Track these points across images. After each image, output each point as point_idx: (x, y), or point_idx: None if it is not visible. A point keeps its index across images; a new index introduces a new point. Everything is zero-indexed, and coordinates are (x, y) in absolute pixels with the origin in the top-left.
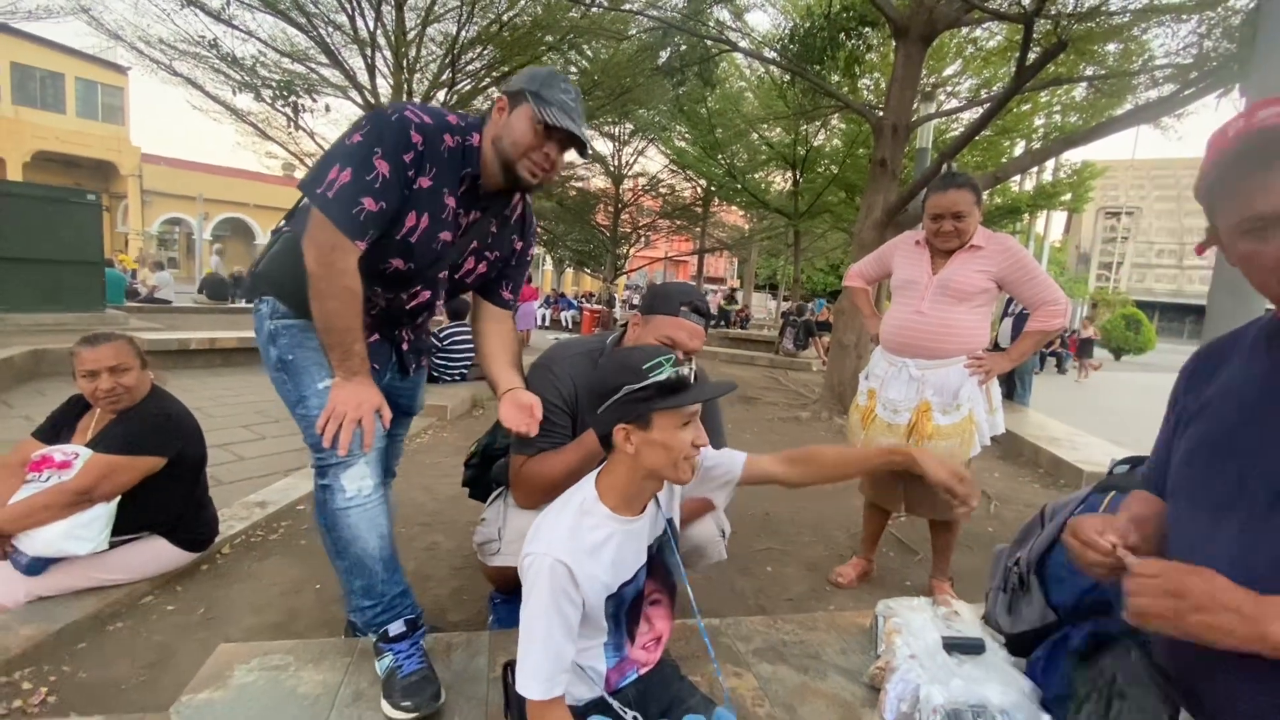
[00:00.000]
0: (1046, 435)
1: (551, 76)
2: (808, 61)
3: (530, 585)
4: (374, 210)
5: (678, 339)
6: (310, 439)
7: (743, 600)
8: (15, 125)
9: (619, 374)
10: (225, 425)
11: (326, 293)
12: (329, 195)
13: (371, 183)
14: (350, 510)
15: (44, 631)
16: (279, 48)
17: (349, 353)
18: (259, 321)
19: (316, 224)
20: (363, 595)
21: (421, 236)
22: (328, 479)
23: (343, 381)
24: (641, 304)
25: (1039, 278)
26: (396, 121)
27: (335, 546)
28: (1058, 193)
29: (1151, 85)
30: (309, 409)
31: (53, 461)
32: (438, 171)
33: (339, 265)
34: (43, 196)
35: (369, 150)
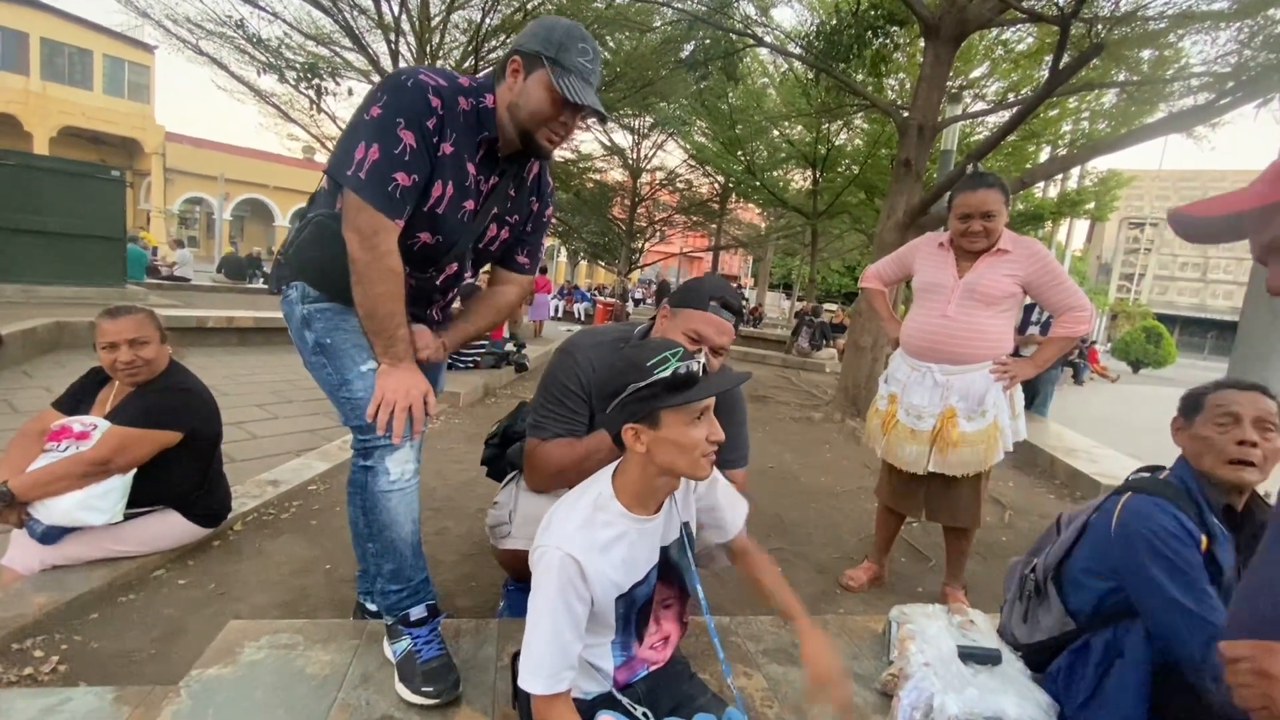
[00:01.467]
0: (1064, 446)
1: (569, 36)
2: (833, 59)
3: (539, 577)
4: (407, 185)
5: (704, 334)
6: (354, 421)
7: (752, 600)
8: (43, 100)
9: (625, 373)
10: (240, 404)
11: (373, 278)
12: (361, 176)
13: (400, 156)
14: (392, 494)
15: (57, 601)
16: (304, 30)
17: (394, 338)
18: (289, 308)
19: (354, 208)
20: (391, 579)
21: (448, 207)
22: (371, 461)
23: (389, 368)
24: (672, 296)
25: (1065, 283)
26: (414, 87)
27: (370, 529)
28: (1082, 201)
29: (1187, 93)
30: (353, 391)
31: (71, 432)
32: (457, 136)
33: (383, 247)
34: (67, 171)
35: (391, 121)
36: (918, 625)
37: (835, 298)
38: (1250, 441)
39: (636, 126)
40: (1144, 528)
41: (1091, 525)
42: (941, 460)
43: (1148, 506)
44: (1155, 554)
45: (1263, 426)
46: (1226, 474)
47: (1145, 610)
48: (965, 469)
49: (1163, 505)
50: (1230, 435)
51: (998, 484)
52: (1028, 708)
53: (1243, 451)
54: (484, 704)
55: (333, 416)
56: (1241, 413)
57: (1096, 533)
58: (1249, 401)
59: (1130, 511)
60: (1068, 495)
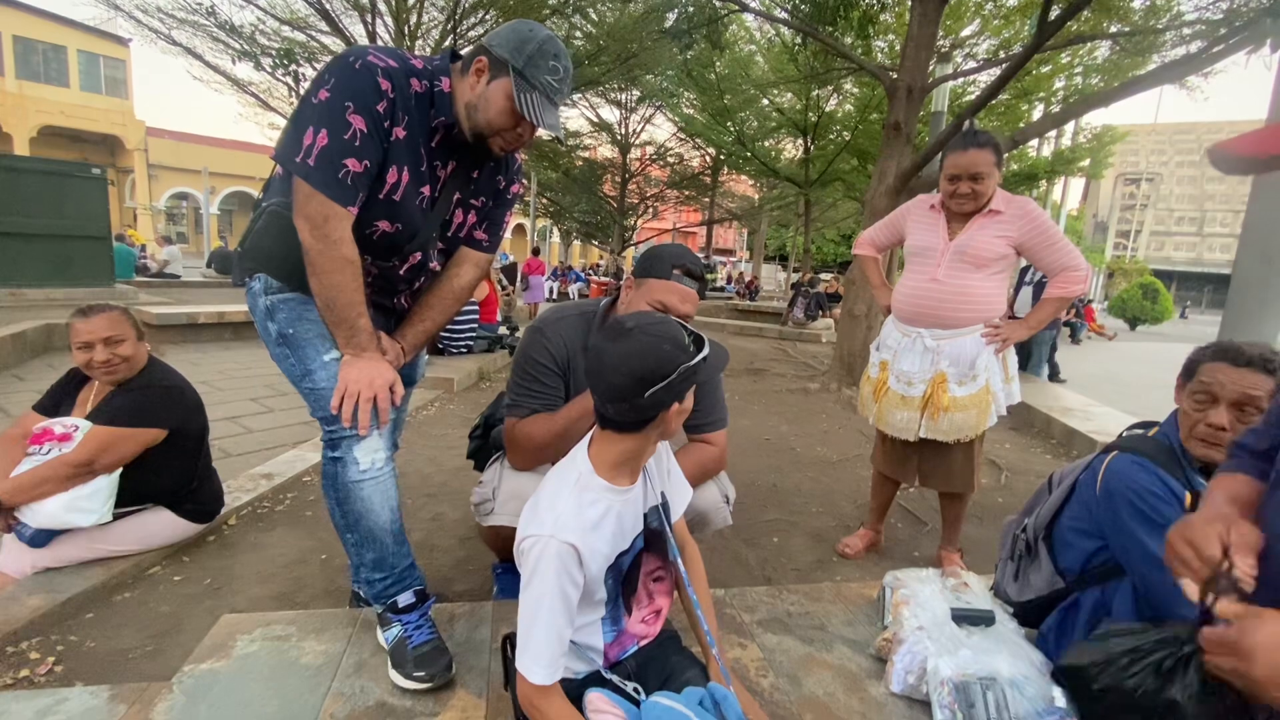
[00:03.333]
0: (1060, 406)
1: (541, 50)
2: (820, 22)
3: (533, 568)
4: (359, 171)
5: (669, 303)
6: (320, 412)
7: (748, 571)
8: (20, 100)
9: (672, 356)
10: (233, 398)
11: (326, 267)
12: (310, 163)
13: (350, 141)
14: (363, 484)
15: (51, 602)
16: (278, 15)
17: (354, 328)
18: (252, 300)
19: (304, 196)
20: (373, 568)
21: (405, 193)
22: (339, 452)
23: (352, 359)
24: (635, 266)
25: (1059, 243)
26: (363, 69)
27: (346, 520)
28: (1076, 158)
29: (1179, 42)
30: (316, 382)
31: (53, 434)
32: (409, 120)
33: (334, 235)
34: (48, 171)
35: (340, 105)
36: (911, 589)
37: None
38: (1219, 426)
39: (623, 101)
40: (1125, 486)
41: (1080, 484)
42: (933, 426)
43: (1129, 466)
44: (1136, 512)
45: (1242, 408)
46: (1194, 449)
47: (1130, 569)
48: (958, 434)
49: (1144, 464)
50: (1204, 415)
51: (994, 445)
52: (1020, 666)
53: (1209, 434)
54: (478, 686)
55: None
56: (1220, 394)
57: (1084, 492)
58: (1234, 381)
59: (1112, 471)
60: (1064, 454)
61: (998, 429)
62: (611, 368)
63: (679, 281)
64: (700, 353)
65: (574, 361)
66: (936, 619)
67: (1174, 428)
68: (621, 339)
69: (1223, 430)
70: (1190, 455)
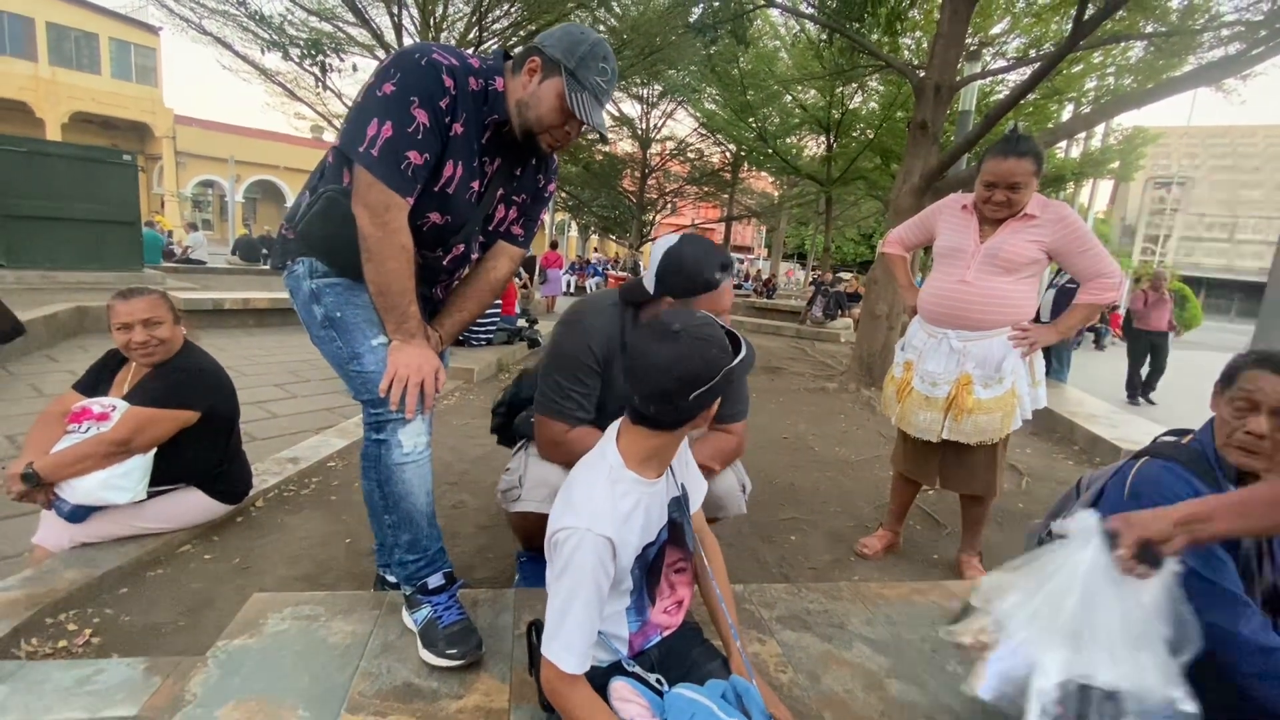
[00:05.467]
0: (1084, 412)
1: (592, 52)
2: (847, 18)
3: (568, 559)
4: (419, 164)
5: (723, 307)
6: (366, 395)
7: (766, 568)
8: (53, 86)
9: (717, 360)
10: (258, 384)
11: (385, 253)
12: (374, 153)
13: (414, 134)
14: (406, 466)
15: (87, 576)
16: (306, 5)
17: (405, 314)
18: (295, 283)
19: (366, 184)
20: (408, 549)
21: (458, 187)
22: (384, 434)
23: (401, 344)
24: (663, 284)
25: (1094, 249)
26: (428, 66)
27: (386, 501)
28: (1106, 160)
29: (1217, 44)
30: (364, 365)
31: (91, 413)
32: (467, 116)
33: (393, 224)
34: (80, 156)
35: (405, 99)
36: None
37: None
38: (1259, 434)
39: (645, 95)
40: (1154, 491)
41: (1108, 489)
42: (956, 428)
43: (1160, 472)
44: None
45: None
46: (1230, 456)
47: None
48: (980, 437)
49: (1175, 470)
50: (1243, 422)
51: (1016, 450)
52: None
53: (1248, 441)
54: (501, 671)
55: (349, 395)
56: (1262, 401)
57: (1111, 496)
58: (1276, 389)
59: (1142, 477)
60: (1086, 461)
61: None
62: (659, 370)
63: (725, 280)
64: (739, 354)
65: (614, 357)
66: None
67: (1209, 435)
68: (668, 341)
69: (1262, 438)
70: (1225, 464)
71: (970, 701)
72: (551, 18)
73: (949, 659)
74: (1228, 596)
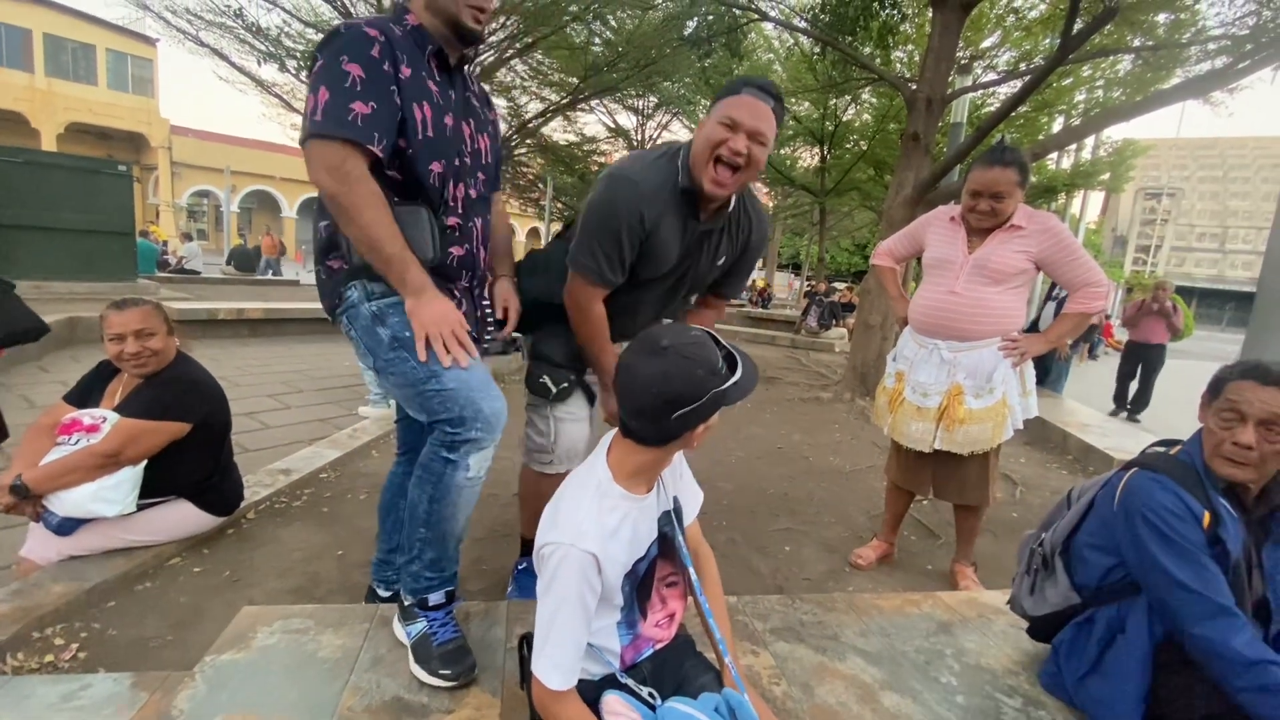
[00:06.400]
0: (1077, 421)
1: None
2: (839, 32)
3: (552, 575)
4: (367, 112)
5: (738, 118)
6: (446, 414)
7: (760, 580)
8: (49, 97)
9: (702, 381)
10: (252, 394)
11: (357, 204)
12: (317, 118)
13: (351, 87)
14: (465, 489)
15: (75, 589)
16: (303, 17)
17: (405, 261)
18: (353, 312)
19: (318, 149)
20: (429, 566)
21: (435, 126)
22: (457, 455)
23: (414, 303)
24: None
25: (1080, 259)
26: (347, 29)
27: (430, 517)
28: (1096, 172)
29: (1204, 57)
30: (444, 383)
31: (81, 425)
32: (409, 58)
33: (355, 173)
34: (76, 167)
35: (334, 61)
36: None
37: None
38: (1246, 444)
39: (640, 107)
40: (1143, 505)
41: (1097, 501)
42: (948, 438)
43: (1148, 483)
44: (1155, 532)
45: (1269, 428)
46: (1218, 467)
47: (1147, 587)
48: (973, 447)
49: (1163, 482)
50: (1230, 433)
51: (1009, 460)
52: None
53: (1236, 452)
54: (493, 685)
55: (343, 405)
56: (1248, 412)
57: (1101, 508)
58: (1261, 400)
59: (1130, 489)
60: (1080, 470)
61: (1013, 443)
62: (642, 387)
63: (751, 94)
64: (733, 375)
65: (659, 222)
66: None
67: (1198, 446)
68: (655, 357)
69: (1249, 449)
70: (1213, 475)
71: (963, 712)
72: (547, 29)
73: (943, 670)
74: (1218, 609)
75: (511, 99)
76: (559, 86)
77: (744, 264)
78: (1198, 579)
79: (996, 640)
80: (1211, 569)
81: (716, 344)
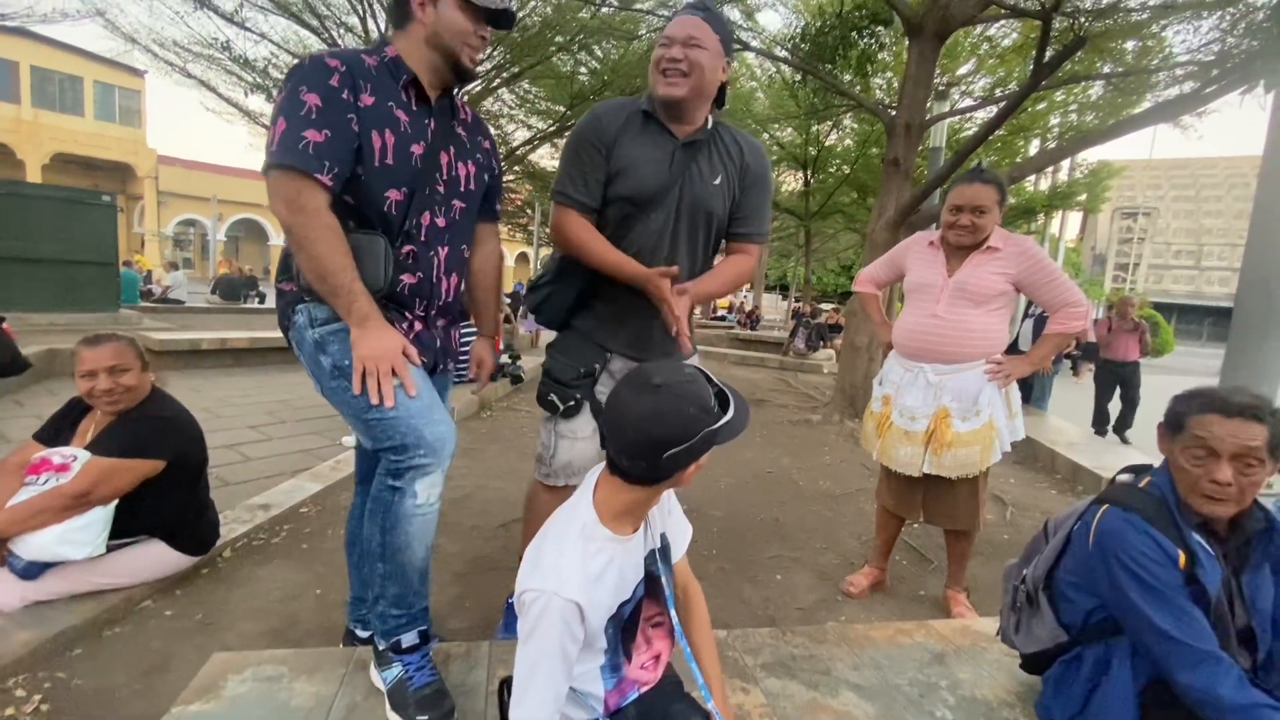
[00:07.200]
0: (1064, 440)
1: None
2: (819, 60)
3: (534, 624)
4: (320, 140)
5: (670, 33)
6: (388, 442)
7: (751, 610)
8: (34, 128)
9: (694, 420)
10: (233, 425)
11: (310, 236)
12: (274, 149)
13: (306, 115)
14: (415, 517)
15: (40, 637)
16: (292, 50)
17: (352, 292)
18: (298, 335)
19: (275, 180)
20: (393, 604)
21: (396, 154)
22: (402, 482)
23: (358, 333)
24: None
25: (1058, 280)
26: (309, 61)
27: (384, 550)
28: (1073, 193)
29: (1172, 83)
30: (384, 411)
31: (51, 464)
32: (373, 87)
33: (311, 205)
34: (59, 198)
35: (294, 92)
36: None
37: (832, 298)
38: (1224, 482)
39: None
40: (1119, 550)
41: (1073, 537)
42: (937, 462)
43: (1121, 525)
44: (1132, 577)
45: (1243, 461)
46: (1198, 505)
47: (1130, 633)
48: (962, 470)
49: (1135, 523)
50: (1204, 470)
51: (999, 481)
52: None
53: (1215, 489)
54: None
55: (326, 436)
56: (1220, 449)
57: (1077, 546)
58: (1230, 434)
59: (1104, 530)
60: (1069, 490)
61: (1002, 464)
62: (632, 425)
63: (682, 14)
64: (725, 415)
65: (620, 137)
66: None
67: (1166, 479)
68: (646, 394)
69: (1228, 485)
70: (1186, 510)
71: None
72: (534, 59)
73: (937, 704)
74: (1202, 656)
75: (499, 127)
76: (546, 114)
77: (753, 197)
78: (1179, 626)
79: (991, 670)
80: (1192, 612)
81: (709, 381)
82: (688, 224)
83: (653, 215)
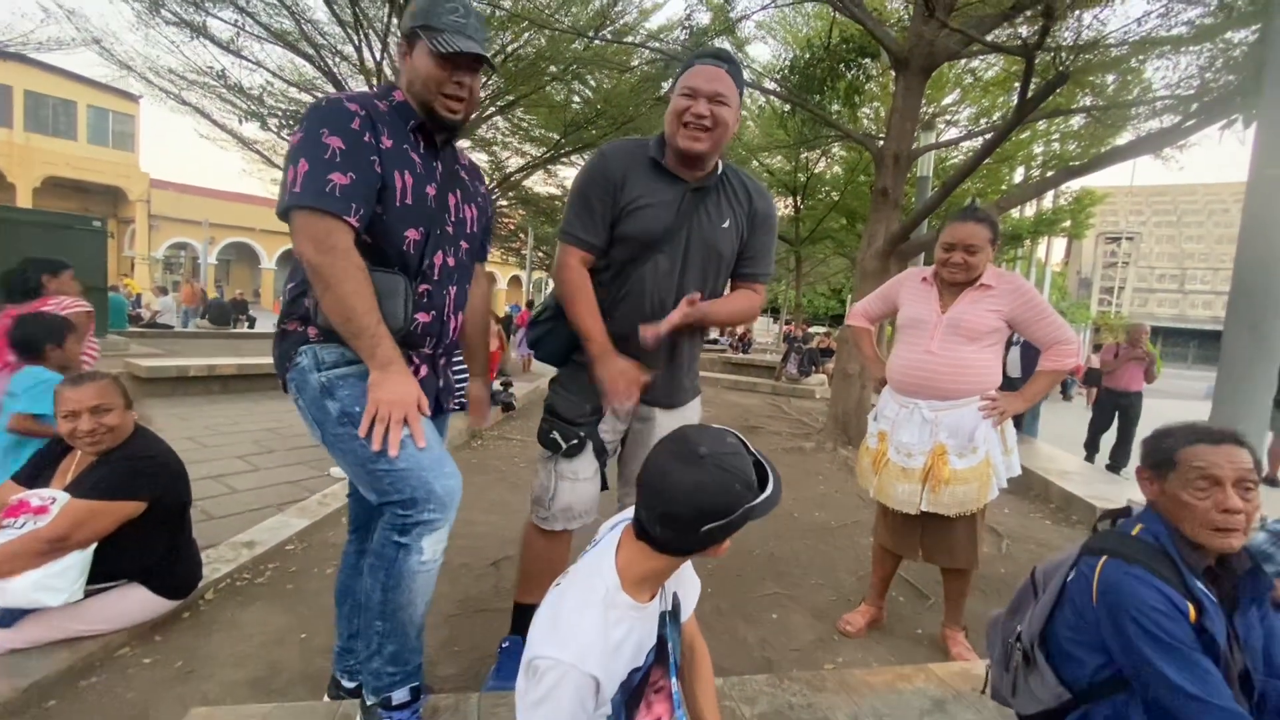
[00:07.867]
0: (1057, 469)
1: (433, 3)
2: (808, 92)
3: (546, 693)
4: (345, 183)
5: (695, 85)
6: (397, 495)
7: (747, 652)
8: (27, 151)
9: (739, 496)
10: (220, 455)
11: (339, 277)
12: (297, 190)
13: (330, 159)
14: (419, 574)
15: (13, 688)
16: (287, 78)
17: (376, 335)
18: (300, 378)
19: (301, 221)
20: (390, 660)
21: (415, 194)
22: (408, 539)
23: (379, 376)
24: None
25: (1049, 317)
26: (328, 103)
27: (385, 607)
28: (1058, 219)
29: (1152, 115)
30: (394, 463)
31: (29, 506)
32: (389, 130)
33: (340, 246)
34: (49, 223)
35: (315, 134)
36: None
37: (822, 320)
38: (1235, 509)
39: None
40: (1127, 604)
41: (1069, 590)
42: (934, 499)
43: (1126, 580)
44: (1146, 635)
45: (1243, 485)
46: (1212, 542)
47: (1145, 690)
48: (960, 508)
49: (1141, 576)
50: (1213, 501)
51: (993, 511)
52: None
53: (1228, 520)
54: None
55: (315, 466)
56: (1222, 476)
57: (1076, 600)
58: (1227, 459)
59: (1107, 584)
60: (1064, 520)
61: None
62: (674, 495)
63: (703, 64)
64: (764, 490)
65: (629, 177)
66: None
67: (1160, 525)
68: (692, 466)
69: (1239, 513)
70: (1187, 555)
71: None
72: (528, 89)
73: None
74: (1222, 713)
75: (493, 154)
76: (540, 141)
77: (760, 239)
78: (1197, 682)
79: (993, 715)
80: (1209, 668)
81: (746, 449)
82: (698, 266)
83: (660, 257)
